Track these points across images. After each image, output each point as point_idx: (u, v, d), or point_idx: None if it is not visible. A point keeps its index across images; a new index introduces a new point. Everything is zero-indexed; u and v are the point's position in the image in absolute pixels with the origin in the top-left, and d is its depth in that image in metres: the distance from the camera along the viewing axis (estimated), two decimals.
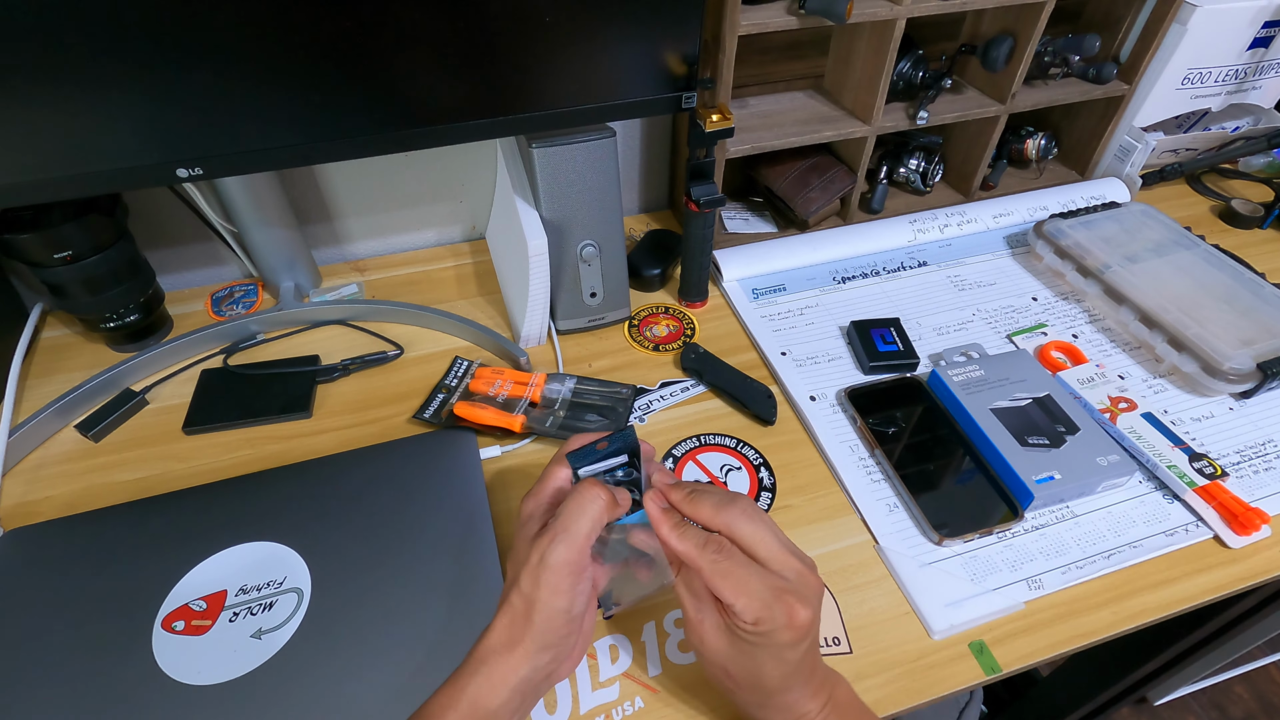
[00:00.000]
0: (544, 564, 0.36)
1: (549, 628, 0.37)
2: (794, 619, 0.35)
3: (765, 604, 0.35)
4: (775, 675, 0.36)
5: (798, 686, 0.37)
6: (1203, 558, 0.51)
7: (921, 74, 0.73)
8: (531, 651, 0.36)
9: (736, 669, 0.37)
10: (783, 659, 0.36)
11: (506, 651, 0.36)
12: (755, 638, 0.35)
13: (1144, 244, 0.72)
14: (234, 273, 0.75)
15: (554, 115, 0.55)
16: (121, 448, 0.58)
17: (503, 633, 0.37)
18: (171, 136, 0.48)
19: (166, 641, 0.44)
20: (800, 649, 0.36)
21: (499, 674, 0.36)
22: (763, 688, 0.37)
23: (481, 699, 0.35)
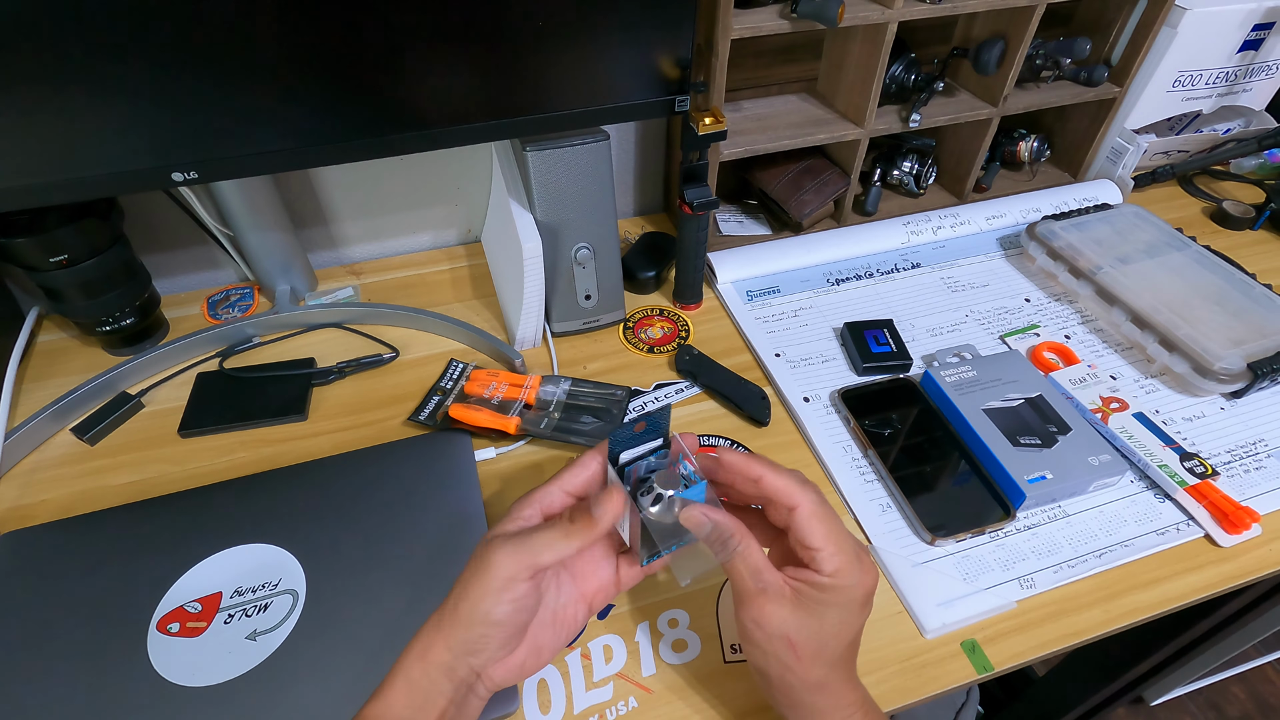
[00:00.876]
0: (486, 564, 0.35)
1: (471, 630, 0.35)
2: (867, 578, 0.36)
3: (850, 556, 0.36)
4: (840, 641, 0.36)
5: (850, 666, 0.37)
6: (1194, 556, 0.51)
7: (914, 77, 0.73)
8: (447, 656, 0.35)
9: (802, 635, 0.35)
10: (849, 622, 0.36)
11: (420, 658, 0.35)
12: (828, 594, 0.35)
13: (1136, 245, 0.72)
14: (230, 276, 0.76)
15: (548, 119, 0.55)
16: (117, 451, 0.58)
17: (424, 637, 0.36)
18: (166, 140, 0.49)
19: (162, 644, 0.44)
20: (864, 616, 0.37)
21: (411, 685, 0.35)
22: (824, 657, 0.36)
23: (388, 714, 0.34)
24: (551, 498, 0.37)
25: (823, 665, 0.36)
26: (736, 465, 0.38)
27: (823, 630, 0.36)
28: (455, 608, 0.35)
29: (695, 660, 0.45)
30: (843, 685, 0.37)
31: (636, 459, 0.38)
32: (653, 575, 0.49)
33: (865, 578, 0.36)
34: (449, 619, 0.35)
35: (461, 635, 0.35)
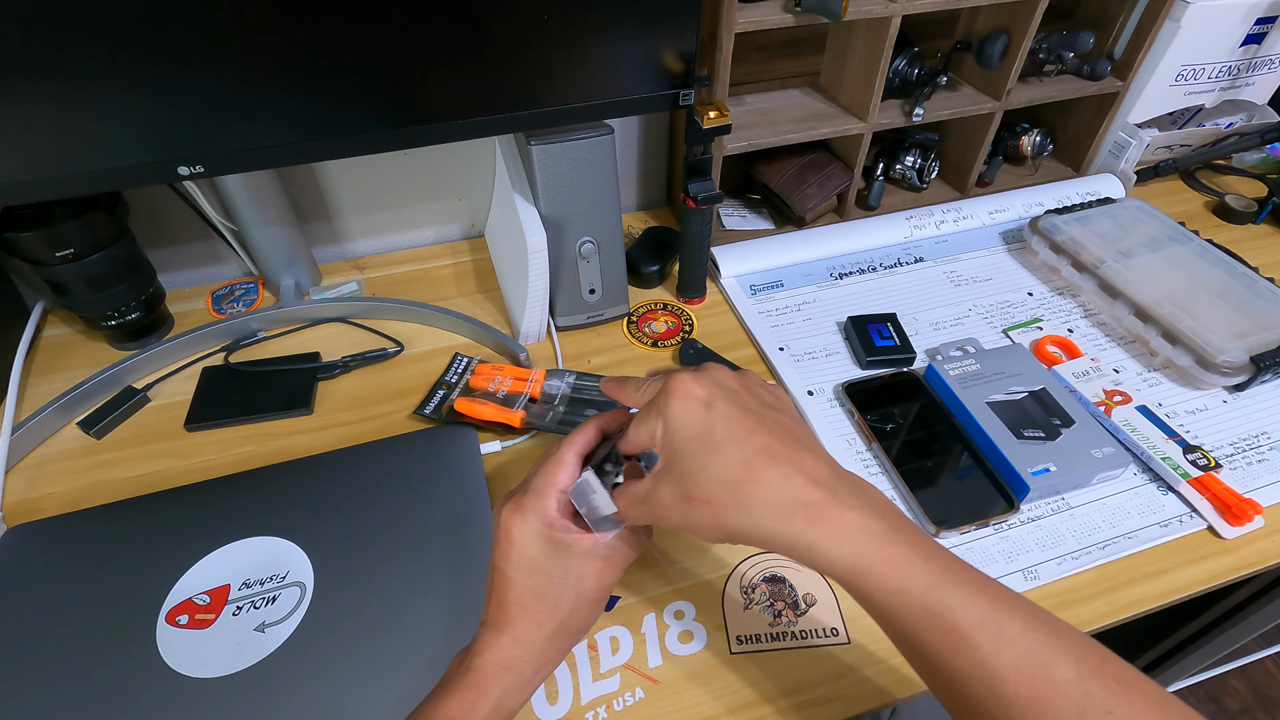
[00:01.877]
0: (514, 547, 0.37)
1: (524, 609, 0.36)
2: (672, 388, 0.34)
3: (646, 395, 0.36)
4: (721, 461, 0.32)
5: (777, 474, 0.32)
6: (1197, 548, 0.51)
7: (917, 71, 0.73)
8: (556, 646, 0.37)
9: (691, 484, 0.32)
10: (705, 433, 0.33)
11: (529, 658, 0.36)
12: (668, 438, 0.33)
13: (1138, 239, 0.72)
14: (234, 271, 0.76)
15: (552, 113, 0.55)
16: (123, 445, 0.58)
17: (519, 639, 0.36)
18: (172, 134, 0.49)
19: (171, 635, 0.45)
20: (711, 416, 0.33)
21: (524, 679, 0.36)
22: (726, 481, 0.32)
23: (507, 703, 0.35)
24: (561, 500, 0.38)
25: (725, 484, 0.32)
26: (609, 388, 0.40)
27: (689, 460, 0.33)
28: (566, 625, 0.37)
29: (702, 651, 0.46)
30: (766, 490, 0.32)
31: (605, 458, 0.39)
32: (656, 567, 0.50)
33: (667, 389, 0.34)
34: (558, 637, 0.37)
35: (566, 645, 0.38)
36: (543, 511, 0.37)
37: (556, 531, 0.37)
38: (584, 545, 0.37)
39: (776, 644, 0.46)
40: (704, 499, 0.32)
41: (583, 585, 0.37)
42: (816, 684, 0.44)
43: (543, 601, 0.36)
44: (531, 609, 0.36)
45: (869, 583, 0.31)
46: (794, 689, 0.44)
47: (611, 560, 0.38)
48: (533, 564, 0.37)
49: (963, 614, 0.29)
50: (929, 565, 0.31)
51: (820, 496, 0.31)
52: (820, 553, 0.31)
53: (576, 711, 0.43)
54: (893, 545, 0.31)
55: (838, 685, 0.44)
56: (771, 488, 0.32)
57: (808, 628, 0.47)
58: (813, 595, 0.49)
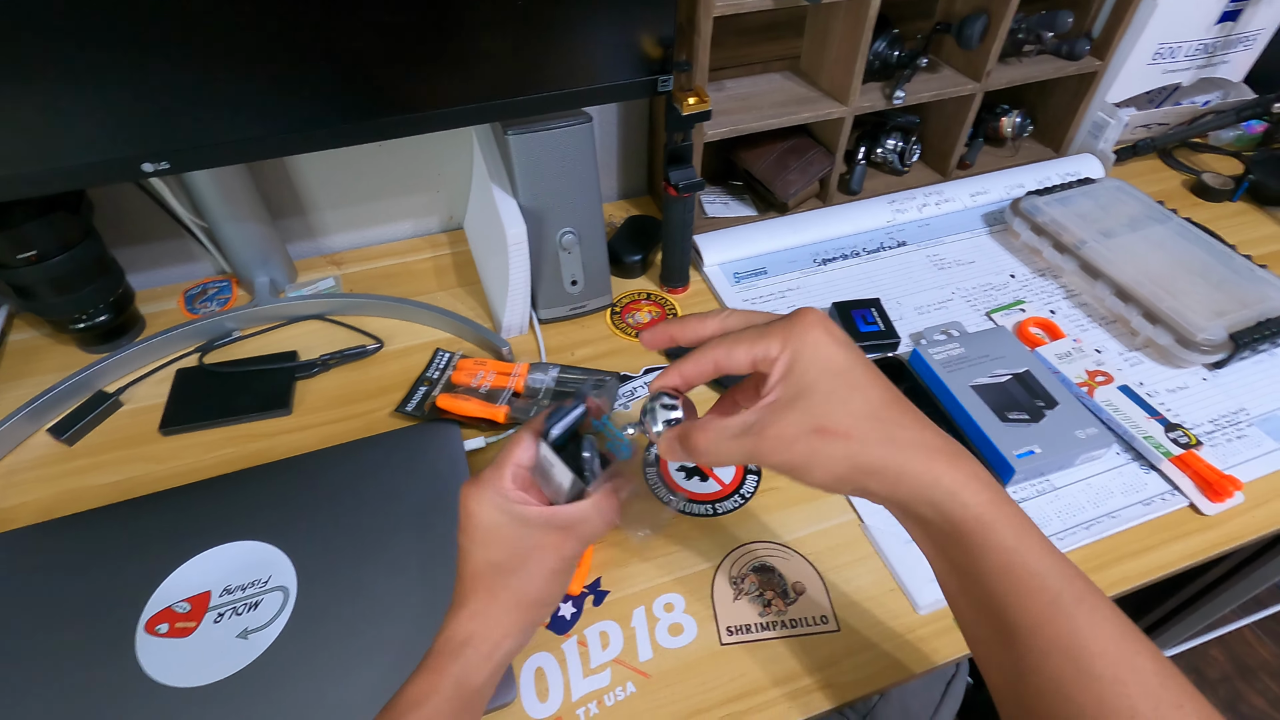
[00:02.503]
0: (470, 521, 0.37)
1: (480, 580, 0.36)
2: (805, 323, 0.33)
3: (762, 333, 0.33)
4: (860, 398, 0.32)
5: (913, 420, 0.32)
6: (1179, 525, 0.52)
7: (897, 53, 0.73)
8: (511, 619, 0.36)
9: (827, 415, 0.32)
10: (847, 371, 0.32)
11: (485, 631, 0.35)
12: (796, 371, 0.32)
13: (1118, 219, 0.73)
14: (207, 269, 0.74)
15: (529, 101, 0.54)
16: (97, 450, 0.57)
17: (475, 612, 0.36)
18: (136, 130, 0.47)
19: (150, 645, 0.44)
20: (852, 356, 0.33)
21: (484, 653, 0.35)
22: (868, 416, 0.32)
23: (470, 680, 0.35)
24: (518, 475, 0.38)
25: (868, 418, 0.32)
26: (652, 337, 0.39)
27: (828, 391, 0.32)
28: (523, 594, 0.36)
29: (692, 644, 0.46)
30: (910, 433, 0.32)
31: (565, 431, 0.40)
32: (645, 559, 0.49)
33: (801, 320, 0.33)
34: (516, 606, 0.36)
35: (530, 618, 0.37)
36: (498, 483, 0.37)
37: (512, 503, 0.37)
38: (541, 516, 0.37)
39: (767, 633, 0.46)
40: (843, 432, 0.31)
41: (540, 555, 0.37)
42: (808, 672, 0.44)
43: (498, 571, 0.36)
44: (486, 580, 0.36)
45: (990, 536, 0.31)
46: (785, 678, 0.44)
47: (571, 532, 0.37)
48: (488, 534, 0.37)
49: (1068, 585, 0.30)
50: (1037, 534, 0.31)
51: (951, 447, 0.32)
52: (956, 497, 0.31)
53: (568, 708, 0.43)
54: (1009, 505, 0.31)
55: (829, 673, 0.44)
56: (914, 429, 0.32)
57: (797, 616, 0.47)
58: (802, 583, 0.48)
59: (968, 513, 0.31)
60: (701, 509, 0.53)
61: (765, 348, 0.33)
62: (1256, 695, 1.25)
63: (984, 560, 0.31)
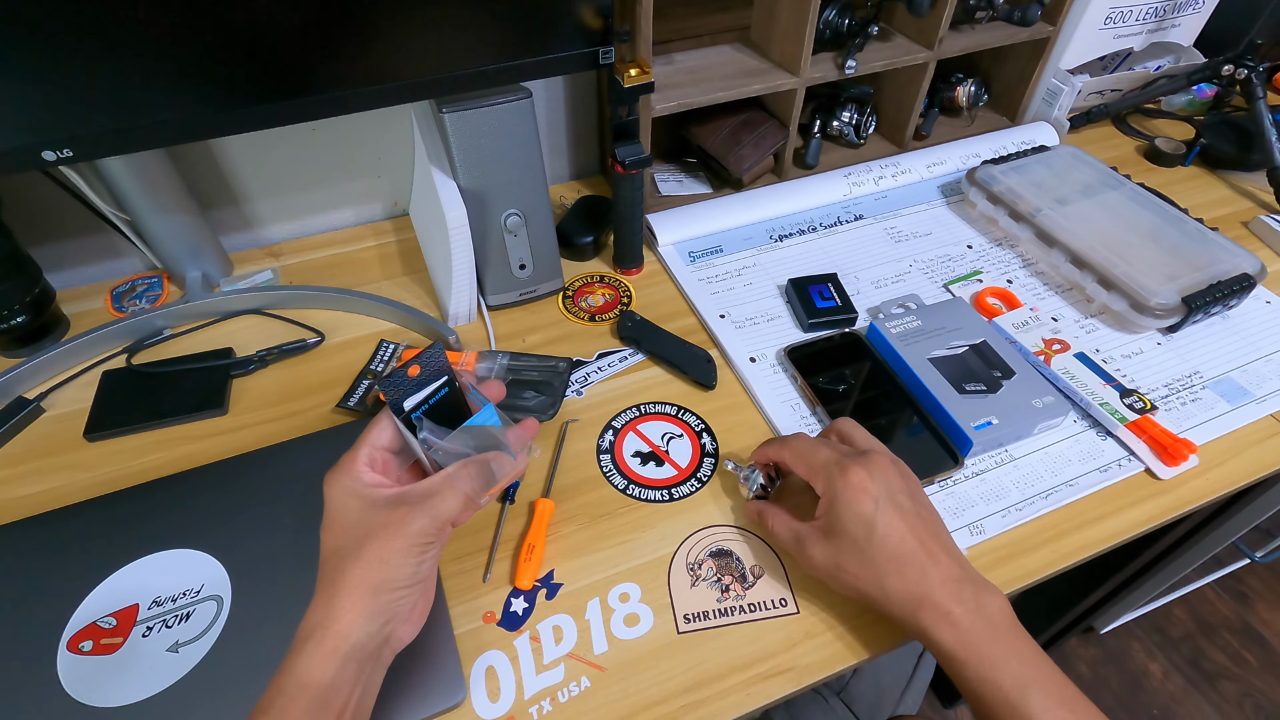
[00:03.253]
0: (326, 507, 0.36)
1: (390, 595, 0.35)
2: (848, 474, 0.41)
3: (826, 468, 0.43)
4: (873, 543, 0.40)
5: (917, 567, 0.40)
6: (1135, 491, 0.52)
7: (848, 21, 0.71)
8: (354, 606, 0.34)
9: (841, 555, 0.41)
10: (865, 521, 0.40)
11: (328, 621, 0.34)
12: (833, 508, 0.42)
13: (1073, 186, 0.72)
14: (135, 265, 0.70)
15: (462, 77, 0.52)
16: (17, 460, 0.53)
17: (319, 603, 0.35)
18: (32, 115, 0.44)
19: (73, 664, 0.41)
20: (873, 508, 0.40)
21: (326, 645, 0.33)
22: (871, 561, 0.40)
23: (311, 675, 0.33)
24: (375, 457, 0.38)
25: (878, 573, 0.40)
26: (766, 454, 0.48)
27: (853, 544, 0.41)
28: (364, 578, 0.34)
29: (649, 634, 0.44)
30: (926, 588, 0.39)
31: (422, 402, 0.39)
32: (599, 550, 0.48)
33: (849, 474, 0.41)
34: (358, 592, 0.34)
35: (380, 603, 0.35)
36: (350, 467, 0.37)
37: (362, 485, 0.36)
38: (387, 496, 0.36)
39: (725, 619, 0.45)
40: (853, 572, 0.41)
41: (382, 535, 0.35)
42: (768, 656, 0.43)
43: (340, 557, 0.35)
44: (330, 567, 0.35)
45: (964, 670, 0.38)
46: (745, 663, 0.43)
47: (418, 507, 0.35)
48: (334, 519, 0.36)
49: (1042, 715, 0.36)
50: (1021, 666, 0.37)
51: (942, 597, 0.39)
52: (928, 637, 0.39)
53: (520, 706, 0.41)
54: (992, 645, 0.38)
55: (790, 656, 0.43)
56: (908, 581, 0.40)
57: (756, 600, 0.46)
58: (760, 567, 0.47)
59: (940, 650, 0.39)
60: (658, 495, 0.51)
61: (818, 479, 0.43)
62: (1218, 651, 1.29)
63: (965, 689, 0.38)
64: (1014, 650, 0.38)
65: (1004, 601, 0.40)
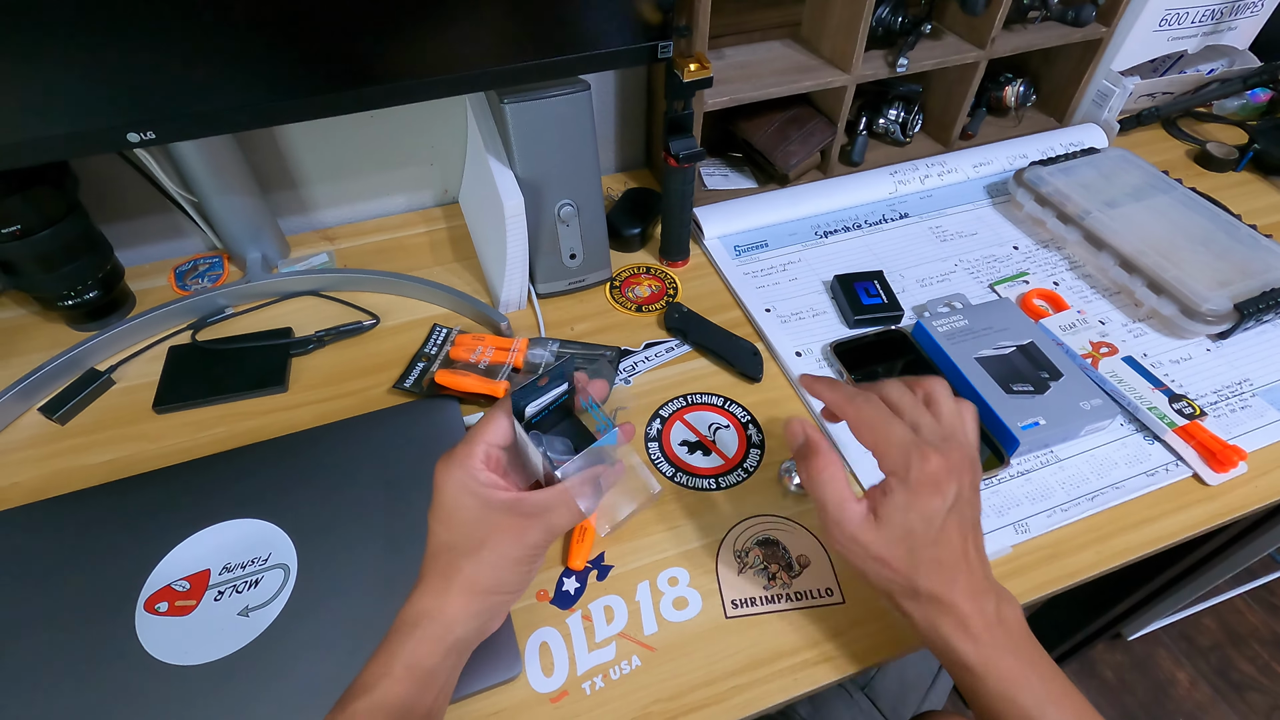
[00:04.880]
0: (437, 498, 0.37)
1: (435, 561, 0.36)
2: (926, 465, 0.36)
3: (902, 449, 0.37)
4: (926, 543, 0.36)
5: (952, 572, 0.37)
6: (1182, 496, 0.52)
7: (901, 19, 0.71)
8: (464, 603, 0.35)
9: (887, 547, 0.37)
10: (928, 519, 0.36)
11: (437, 612, 0.35)
12: (896, 497, 0.37)
13: (1122, 189, 0.72)
14: (197, 245, 0.72)
15: (523, 69, 0.53)
16: (90, 430, 0.56)
17: (429, 591, 0.36)
18: (119, 99, 0.46)
19: (151, 623, 0.43)
20: (942, 507, 0.36)
21: (434, 634, 0.35)
22: (917, 561, 0.36)
23: (418, 659, 0.34)
24: (490, 454, 0.38)
25: (914, 569, 0.37)
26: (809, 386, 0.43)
27: (904, 534, 0.37)
28: (477, 578, 0.36)
29: (697, 617, 0.45)
30: (955, 592, 0.36)
31: (542, 409, 0.40)
32: (648, 534, 0.49)
33: (927, 460, 0.36)
34: (470, 590, 0.36)
35: (487, 603, 0.36)
36: (467, 462, 0.37)
37: (479, 484, 0.37)
38: (504, 501, 0.37)
39: (772, 606, 0.46)
40: (891, 564, 0.37)
41: (499, 541, 0.36)
42: (812, 644, 0.44)
43: (454, 553, 0.36)
44: (442, 560, 0.36)
45: (982, 684, 0.36)
46: (790, 650, 0.44)
47: (535, 520, 0.37)
48: (449, 514, 0.36)
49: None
50: (1041, 683, 0.36)
51: (967, 606, 0.36)
52: (948, 646, 0.36)
53: (573, 681, 0.42)
54: (1013, 659, 0.36)
55: (833, 645, 0.44)
56: (938, 585, 0.37)
57: (802, 589, 0.47)
58: (806, 556, 0.48)
59: (957, 662, 0.36)
60: (705, 483, 0.52)
61: (888, 457, 0.38)
62: (1246, 662, 1.27)
63: (980, 704, 0.36)
64: (1032, 665, 0.36)
65: (1021, 613, 0.38)
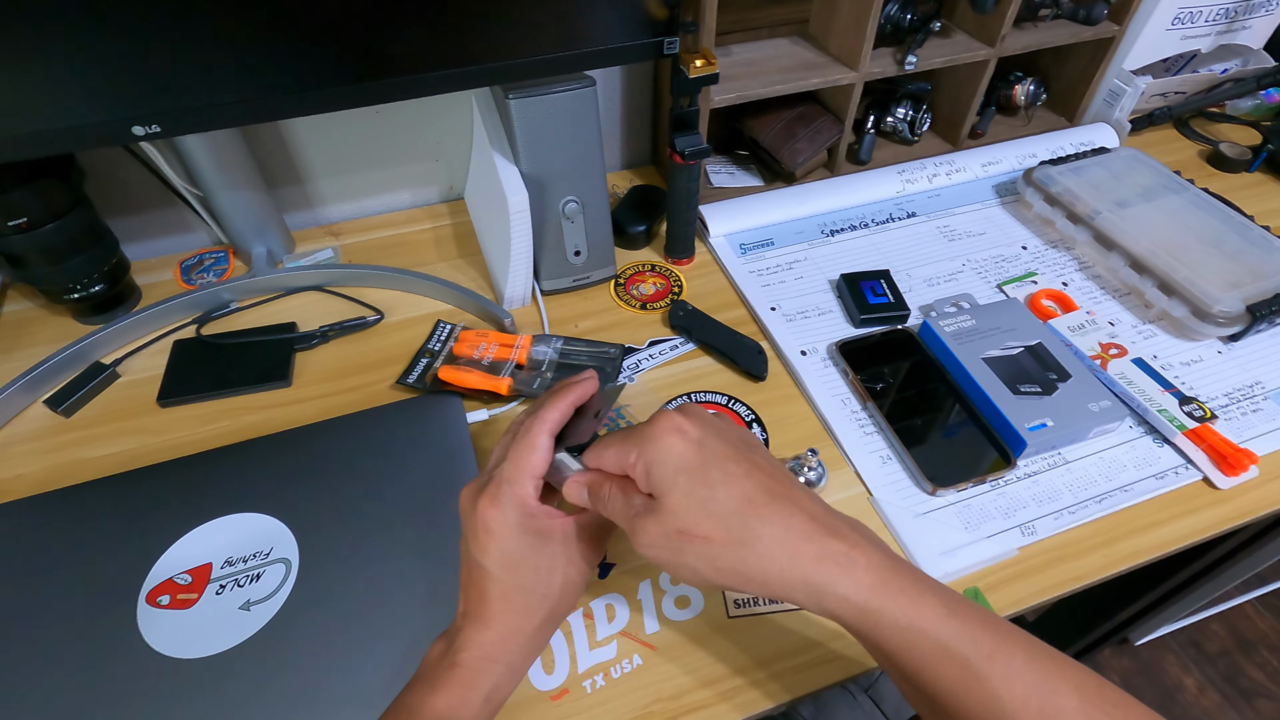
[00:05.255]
0: (493, 542, 0.35)
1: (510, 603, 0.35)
2: (658, 423, 0.33)
3: (635, 430, 0.34)
4: (720, 497, 0.32)
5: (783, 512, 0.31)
6: (1192, 499, 0.51)
7: (910, 17, 0.70)
8: (541, 642, 0.37)
9: (686, 519, 0.32)
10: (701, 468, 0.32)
11: (514, 652, 0.35)
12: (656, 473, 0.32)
13: (1133, 189, 0.71)
14: (203, 240, 0.72)
15: (529, 64, 0.52)
16: (94, 422, 0.56)
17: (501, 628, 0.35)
18: (124, 91, 0.46)
19: (152, 616, 0.43)
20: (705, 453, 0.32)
21: (504, 672, 0.35)
22: (726, 518, 0.31)
23: (498, 694, 0.35)
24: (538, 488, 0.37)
25: (726, 520, 0.31)
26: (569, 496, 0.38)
27: (685, 494, 0.32)
28: (556, 612, 0.37)
29: (699, 616, 0.45)
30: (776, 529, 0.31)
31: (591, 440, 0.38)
32: None
33: (655, 425, 0.33)
34: (547, 623, 0.37)
35: (554, 630, 0.38)
36: (520, 502, 0.35)
37: (538, 520, 0.36)
38: (566, 530, 0.37)
39: (774, 606, 0.46)
40: (703, 535, 0.31)
41: (569, 571, 0.36)
42: (815, 645, 0.44)
43: (529, 594, 0.35)
44: (518, 603, 0.35)
45: (880, 620, 0.30)
46: (793, 651, 0.44)
47: (596, 537, 0.38)
48: (515, 558, 0.35)
49: (972, 647, 0.29)
50: (936, 600, 0.30)
51: (824, 533, 0.31)
52: (832, 591, 0.30)
53: (574, 679, 0.42)
54: (900, 579, 0.31)
55: (836, 645, 0.44)
56: (777, 523, 0.31)
57: None
58: None
59: (849, 605, 0.30)
60: None
61: (625, 453, 0.34)
62: (1255, 669, 1.26)
63: (882, 644, 0.30)
64: (920, 582, 0.31)
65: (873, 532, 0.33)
